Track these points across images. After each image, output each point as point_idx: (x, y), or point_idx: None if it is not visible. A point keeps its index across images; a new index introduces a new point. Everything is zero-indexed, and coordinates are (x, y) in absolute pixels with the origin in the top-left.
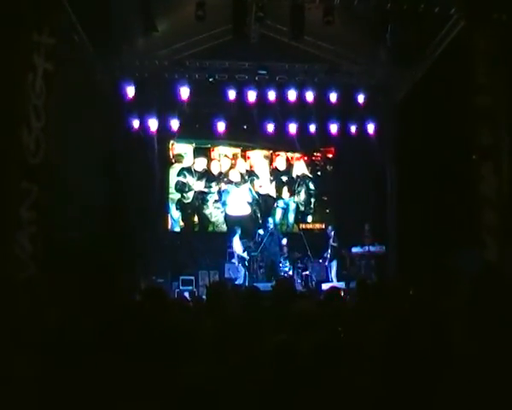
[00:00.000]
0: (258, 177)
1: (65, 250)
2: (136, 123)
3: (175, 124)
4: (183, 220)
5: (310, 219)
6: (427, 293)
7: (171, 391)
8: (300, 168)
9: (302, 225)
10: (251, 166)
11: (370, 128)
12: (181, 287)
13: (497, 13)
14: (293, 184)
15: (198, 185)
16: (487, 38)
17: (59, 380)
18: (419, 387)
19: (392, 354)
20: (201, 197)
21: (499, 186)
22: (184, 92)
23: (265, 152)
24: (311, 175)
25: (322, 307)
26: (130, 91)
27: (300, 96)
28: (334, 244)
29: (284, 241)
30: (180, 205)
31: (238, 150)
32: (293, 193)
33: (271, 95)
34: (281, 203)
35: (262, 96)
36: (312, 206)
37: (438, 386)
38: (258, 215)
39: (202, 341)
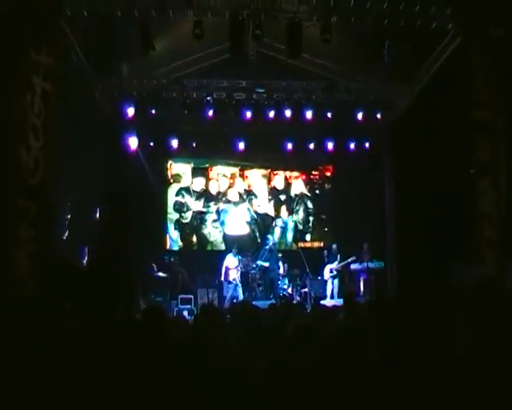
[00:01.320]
0: (256, 196)
1: (64, 269)
2: (134, 142)
3: (173, 143)
4: (181, 240)
5: (308, 237)
6: (426, 308)
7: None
8: (298, 187)
9: (301, 244)
10: (249, 186)
11: (368, 145)
12: (179, 306)
13: (494, 28)
14: (292, 203)
15: (196, 205)
16: (484, 53)
17: (58, 399)
18: (418, 401)
19: (388, 368)
20: (200, 217)
21: (497, 201)
22: (182, 111)
23: (263, 171)
24: (309, 194)
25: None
26: (129, 110)
27: (298, 114)
28: (339, 266)
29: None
30: (178, 225)
31: (236, 170)
32: (291, 212)
33: (269, 113)
34: (279, 222)
35: (260, 115)
36: (311, 224)
37: (439, 399)
38: (257, 234)
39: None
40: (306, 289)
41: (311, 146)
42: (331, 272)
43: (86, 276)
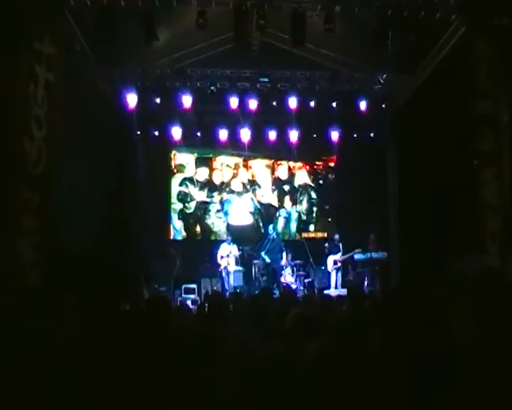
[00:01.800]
0: (260, 186)
1: (68, 259)
2: (137, 132)
3: (177, 133)
4: (185, 230)
5: (312, 228)
6: (429, 299)
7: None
8: (302, 177)
9: (304, 234)
10: (253, 176)
11: (372, 135)
12: (183, 295)
13: (498, 17)
14: (295, 194)
15: (200, 195)
16: (488, 44)
17: (62, 393)
18: (421, 395)
19: (392, 361)
20: (203, 207)
21: (501, 192)
22: (186, 101)
23: (267, 161)
24: (312, 184)
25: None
26: (132, 100)
27: (302, 104)
28: (343, 258)
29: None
30: (182, 215)
31: (240, 160)
32: (295, 202)
33: (273, 103)
34: (283, 213)
35: (264, 104)
36: (314, 215)
37: (442, 392)
38: (261, 224)
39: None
40: (310, 279)
41: (315, 136)
42: (335, 263)
43: (91, 265)
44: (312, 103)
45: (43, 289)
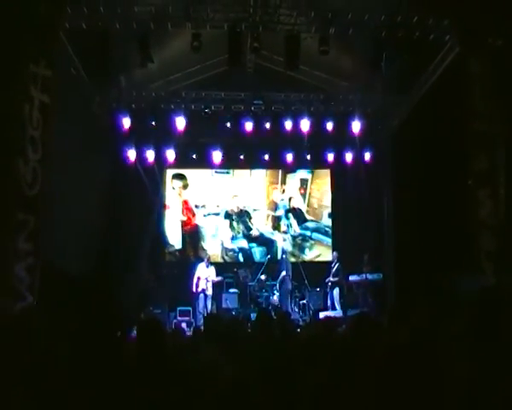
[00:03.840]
0: (255, 210)
1: (62, 282)
2: (132, 154)
3: (171, 155)
4: (180, 252)
5: (307, 251)
6: (425, 319)
7: None
8: (297, 201)
9: (301, 256)
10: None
11: (367, 156)
12: (178, 318)
13: (492, 38)
14: (290, 216)
15: (196, 218)
16: (483, 64)
17: None
18: None
19: (389, 382)
20: (199, 230)
21: (496, 211)
22: (180, 123)
23: (262, 183)
24: (307, 207)
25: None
26: (127, 123)
27: (296, 126)
28: (336, 279)
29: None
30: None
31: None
32: (289, 225)
33: (267, 125)
34: (278, 236)
35: (258, 127)
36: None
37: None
38: (255, 249)
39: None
40: (305, 301)
41: (309, 157)
42: (327, 283)
43: (86, 289)
44: (307, 125)
45: (37, 313)
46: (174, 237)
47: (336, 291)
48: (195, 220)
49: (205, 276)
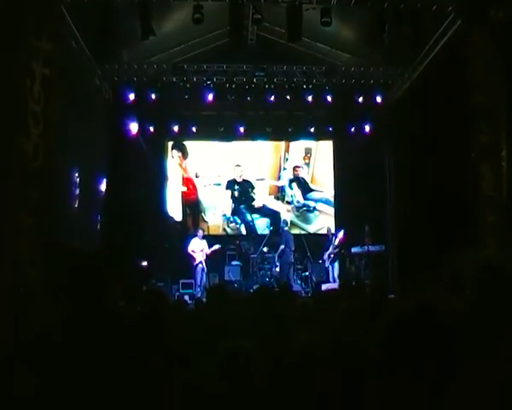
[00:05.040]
0: (259, 180)
1: (64, 256)
2: (134, 127)
3: (173, 127)
4: (182, 225)
5: (311, 221)
6: (427, 293)
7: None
8: (301, 170)
9: (305, 228)
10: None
11: (368, 128)
12: (181, 290)
13: (494, 11)
14: (293, 187)
15: (196, 189)
16: (484, 36)
17: (59, 388)
18: (419, 392)
19: (391, 355)
20: (199, 201)
21: (499, 184)
22: (182, 96)
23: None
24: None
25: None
26: (129, 96)
27: (299, 98)
28: (334, 250)
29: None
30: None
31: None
32: (293, 195)
33: (270, 97)
34: (282, 207)
35: (260, 99)
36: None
37: (440, 390)
38: (256, 222)
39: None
40: (307, 273)
41: (312, 129)
42: (328, 256)
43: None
44: (309, 97)
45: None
46: (174, 209)
47: (336, 264)
48: (196, 191)
49: (200, 248)
